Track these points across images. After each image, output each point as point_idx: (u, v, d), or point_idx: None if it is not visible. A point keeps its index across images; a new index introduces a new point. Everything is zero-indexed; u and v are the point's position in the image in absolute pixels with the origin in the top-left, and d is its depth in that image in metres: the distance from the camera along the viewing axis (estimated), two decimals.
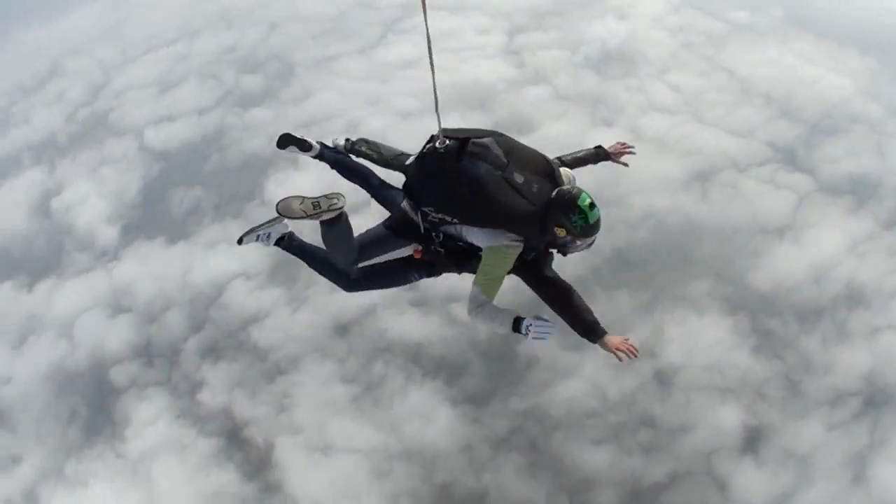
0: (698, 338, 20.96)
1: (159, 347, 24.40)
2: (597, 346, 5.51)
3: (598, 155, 6.37)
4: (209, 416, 22.14)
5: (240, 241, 6.11)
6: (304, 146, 6.42)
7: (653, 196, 23.88)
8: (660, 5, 33.95)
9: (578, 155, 6.31)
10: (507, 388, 19.97)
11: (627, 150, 6.39)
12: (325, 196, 5.78)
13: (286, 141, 6.39)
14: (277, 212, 5.78)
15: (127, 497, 21.60)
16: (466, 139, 5.53)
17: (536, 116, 25.89)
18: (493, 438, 19.47)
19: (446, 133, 5.58)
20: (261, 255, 24.15)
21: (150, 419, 22.72)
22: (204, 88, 35.72)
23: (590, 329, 5.50)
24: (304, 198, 5.77)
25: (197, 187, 29.58)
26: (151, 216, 29.32)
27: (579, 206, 5.25)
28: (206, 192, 29.04)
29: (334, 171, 6.66)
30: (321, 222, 5.88)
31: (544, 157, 5.66)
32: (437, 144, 5.56)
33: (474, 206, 5.47)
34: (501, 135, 5.63)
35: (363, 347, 21.85)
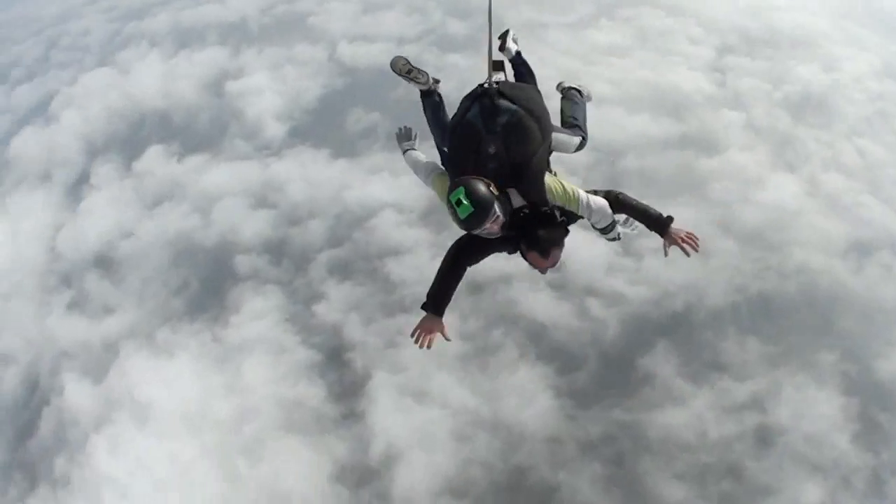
0: (809, 407, 20.28)
1: (291, 250, 24.73)
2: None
3: (658, 224, 5.89)
4: (317, 329, 22.36)
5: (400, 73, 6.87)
6: (502, 46, 7.16)
7: (811, 253, 23.07)
8: (865, 67, 32.61)
9: (642, 207, 5.99)
10: (615, 396, 19.56)
11: (687, 244, 5.73)
12: (418, 70, 6.72)
13: (502, 36, 7.20)
14: (390, 64, 6.79)
15: (207, 380, 21.97)
16: (496, 93, 5.80)
17: (724, 140, 25.25)
18: (583, 440, 19.07)
19: (502, 83, 5.96)
20: (419, 193, 24.23)
21: (258, 314, 23.08)
22: (409, 20, 36.02)
23: (430, 298, 6.02)
24: (408, 61, 6.73)
25: (376, 112, 29.82)
26: (323, 126, 29.74)
27: (449, 199, 5.39)
28: (383, 119, 29.15)
29: None
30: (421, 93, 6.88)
31: (532, 156, 5.73)
32: (486, 84, 5.92)
33: (448, 138, 5.98)
34: (531, 116, 5.75)
35: (489, 311, 21.68)
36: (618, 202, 6.00)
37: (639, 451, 18.87)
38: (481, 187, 5.40)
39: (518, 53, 7.20)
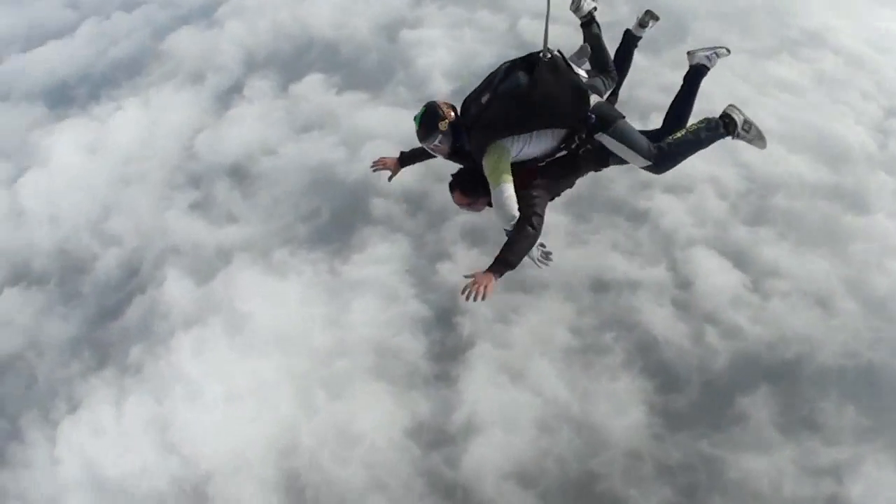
0: (883, 489, 19.84)
1: (430, 205, 24.91)
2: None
3: (496, 262, 6.52)
4: (435, 287, 22.64)
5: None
6: (693, 51, 7.96)
7: None
8: None
9: (514, 243, 6.69)
10: (705, 427, 19.35)
11: (472, 289, 6.16)
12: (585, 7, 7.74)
13: (714, 48, 7.84)
14: None
15: (312, 308, 22.47)
16: (527, 65, 6.67)
17: (874, 200, 24.38)
18: (662, 462, 18.99)
19: (552, 61, 6.72)
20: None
21: (381, 258, 23.52)
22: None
23: (409, 150, 8.30)
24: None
25: None
26: None
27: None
28: None
29: None
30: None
31: (490, 126, 6.56)
32: (546, 53, 6.74)
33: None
34: (525, 100, 6.49)
35: (606, 312, 21.66)
36: (518, 220, 6.63)
37: (713, 487, 18.59)
38: (436, 116, 6.55)
39: (703, 70, 7.75)
